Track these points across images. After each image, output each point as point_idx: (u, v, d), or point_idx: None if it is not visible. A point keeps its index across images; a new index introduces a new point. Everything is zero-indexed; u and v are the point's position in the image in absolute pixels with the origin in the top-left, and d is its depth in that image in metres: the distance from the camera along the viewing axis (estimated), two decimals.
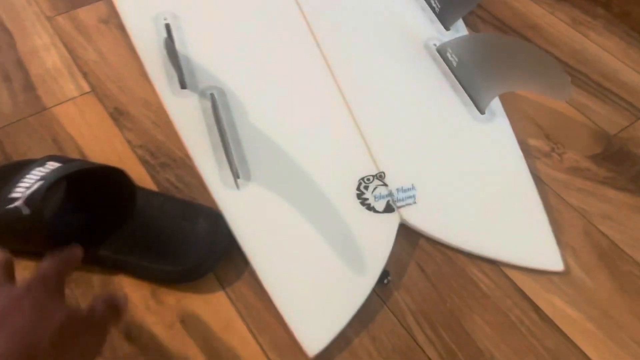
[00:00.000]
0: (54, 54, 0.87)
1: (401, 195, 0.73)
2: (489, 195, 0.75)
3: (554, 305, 0.67)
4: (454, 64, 0.85)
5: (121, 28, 0.89)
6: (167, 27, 0.85)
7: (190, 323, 0.63)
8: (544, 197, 0.76)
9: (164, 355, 0.61)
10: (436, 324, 0.65)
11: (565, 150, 0.82)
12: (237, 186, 0.70)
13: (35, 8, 0.93)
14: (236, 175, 0.71)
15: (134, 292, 0.65)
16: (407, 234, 0.72)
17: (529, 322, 0.66)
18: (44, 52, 0.87)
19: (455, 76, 0.85)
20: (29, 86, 0.83)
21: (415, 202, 0.72)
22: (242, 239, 0.68)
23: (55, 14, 0.93)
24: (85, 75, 0.85)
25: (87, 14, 0.93)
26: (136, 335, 0.62)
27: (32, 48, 0.88)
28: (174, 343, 0.62)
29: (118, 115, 0.80)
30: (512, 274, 0.70)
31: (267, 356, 0.62)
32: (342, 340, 0.63)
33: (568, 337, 0.65)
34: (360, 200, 0.72)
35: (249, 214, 0.70)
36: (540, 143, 0.83)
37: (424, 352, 0.63)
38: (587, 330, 0.66)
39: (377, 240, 0.70)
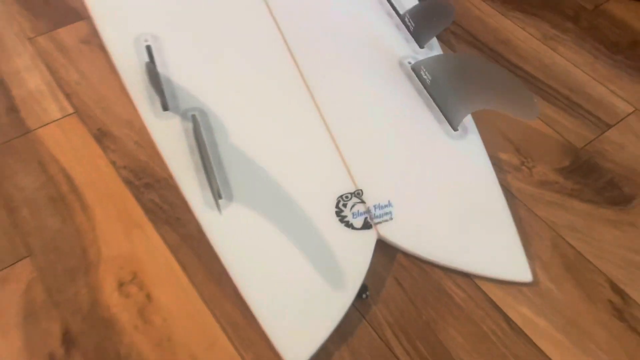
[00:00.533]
0: (36, 75, 0.88)
1: (378, 211, 0.76)
2: (461, 209, 0.78)
3: (524, 315, 0.71)
4: (428, 82, 0.88)
5: (103, 48, 0.91)
6: (148, 49, 0.87)
7: (177, 341, 0.66)
8: (514, 210, 0.80)
9: None
10: (413, 337, 0.69)
11: (535, 164, 0.86)
12: (219, 208, 0.72)
13: (16, 29, 0.94)
14: (218, 196, 0.74)
15: (121, 311, 0.67)
16: (385, 250, 0.75)
17: (500, 332, 0.69)
18: (26, 73, 0.89)
19: (429, 94, 0.88)
20: (12, 108, 0.84)
21: (391, 218, 0.76)
22: (225, 258, 0.70)
23: (36, 34, 0.94)
24: (67, 96, 0.86)
25: (68, 34, 0.94)
26: (125, 354, 0.64)
27: (14, 69, 0.89)
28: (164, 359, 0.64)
29: (101, 136, 0.82)
30: (484, 285, 0.73)
31: None
32: (323, 354, 0.66)
33: (537, 346, 0.69)
34: (339, 218, 0.75)
35: (232, 233, 0.72)
36: (510, 157, 0.87)
37: None
38: (555, 339, 0.69)
39: (355, 256, 0.73)
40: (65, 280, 0.69)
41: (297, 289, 0.70)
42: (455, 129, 0.85)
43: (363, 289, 0.71)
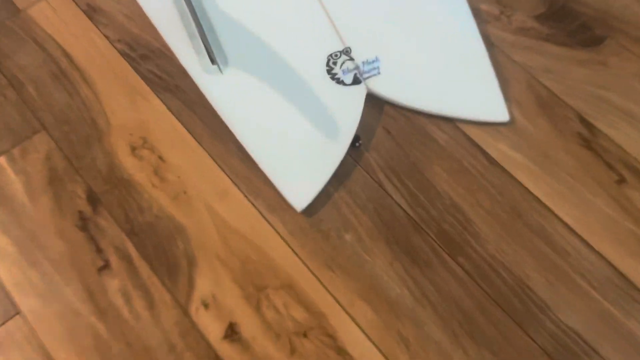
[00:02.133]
0: None
1: (367, 67, 0.80)
2: (444, 59, 0.83)
3: (501, 150, 0.79)
4: None
5: None
6: None
7: (192, 194, 0.73)
8: (493, 57, 0.84)
9: (174, 219, 0.71)
10: (402, 175, 0.77)
11: (513, 12, 0.90)
12: (218, 67, 0.76)
13: None
14: (213, 60, 0.77)
15: (137, 172, 0.74)
16: (374, 102, 0.81)
17: (480, 166, 0.78)
18: None
19: None
20: None
21: (379, 73, 0.80)
22: (226, 118, 0.76)
23: None
24: None
25: None
26: (147, 207, 0.72)
27: None
28: (182, 209, 0.72)
29: (91, 11, 0.84)
30: (465, 128, 0.80)
31: (264, 217, 0.73)
32: (324, 196, 0.74)
33: (513, 176, 0.77)
34: (330, 76, 0.80)
35: (230, 94, 0.77)
36: (490, 7, 0.90)
37: (392, 198, 0.75)
38: (528, 169, 0.78)
39: (347, 110, 0.78)
40: (82, 148, 0.75)
41: (296, 141, 0.76)
42: None
43: (356, 138, 0.77)
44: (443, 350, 0.65)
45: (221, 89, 0.77)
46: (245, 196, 0.74)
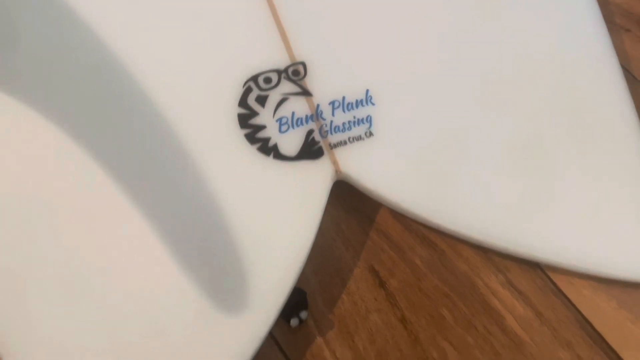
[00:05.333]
0: None
1: (341, 116, 0.33)
2: (532, 120, 0.34)
3: None
4: None
5: None
6: None
7: None
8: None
9: None
10: None
11: None
12: None
13: None
14: None
15: None
16: (352, 204, 0.33)
17: None
18: None
19: None
20: None
21: (370, 134, 0.32)
22: None
23: None
24: None
25: None
26: None
27: None
28: None
29: None
30: (570, 288, 0.32)
31: None
32: None
33: None
34: (246, 131, 0.32)
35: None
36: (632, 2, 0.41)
37: None
38: None
39: (279, 223, 0.31)
40: None
41: (144, 313, 0.29)
42: None
43: (296, 302, 0.30)
44: None
45: None
46: None
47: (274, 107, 0.32)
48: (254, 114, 0.32)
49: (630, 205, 0.33)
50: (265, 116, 0.32)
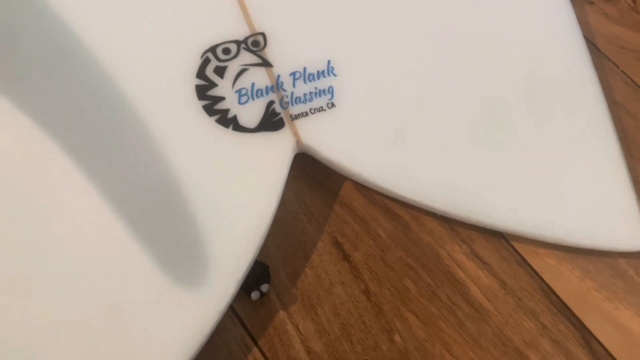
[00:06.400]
0: None
1: (302, 87, 0.32)
2: (495, 91, 0.34)
3: (619, 324, 0.31)
4: None
5: None
6: None
7: None
8: (605, 85, 0.36)
9: None
10: None
11: None
12: None
13: None
14: None
15: None
16: (314, 177, 0.33)
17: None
18: None
19: None
20: None
21: (332, 105, 0.32)
22: None
23: None
24: None
25: None
26: None
27: None
28: None
29: None
30: (535, 258, 0.32)
31: None
32: None
33: None
34: (204, 102, 0.31)
35: None
36: None
37: None
38: None
39: (240, 195, 0.30)
40: None
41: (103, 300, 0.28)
42: None
43: (257, 276, 0.29)
44: None
45: None
46: None
47: (233, 78, 0.32)
48: (212, 85, 0.31)
49: (592, 174, 0.33)
50: (224, 87, 0.31)
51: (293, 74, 0.32)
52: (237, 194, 0.30)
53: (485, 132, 0.33)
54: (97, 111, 0.31)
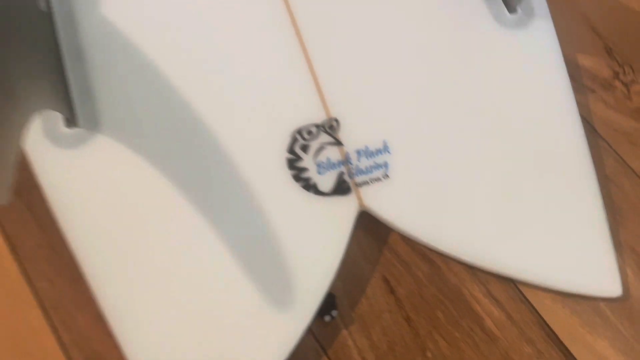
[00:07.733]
0: None
1: (365, 162, 0.42)
2: (509, 164, 0.44)
3: (596, 350, 0.41)
4: None
5: None
6: None
7: None
8: (598, 161, 0.46)
9: None
10: None
11: (637, 77, 0.51)
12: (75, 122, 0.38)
13: None
14: (71, 118, 0.40)
15: None
16: (371, 230, 0.43)
17: None
18: None
19: None
20: None
21: (387, 176, 0.42)
22: (71, 238, 0.38)
23: None
24: None
25: None
26: None
27: None
28: None
29: None
30: (537, 300, 0.42)
31: None
32: None
33: None
34: (292, 172, 0.42)
35: (86, 190, 0.40)
36: (597, 64, 0.51)
37: None
38: None
39: (317, 243, 0.41)
40: None
41: (204, 315, 0.39)
42: (512, 10, 0.48)
43: (328, 303, 0.40)
44: None
45: (69, 176, 0.39)
46: None
47: (314, 154, 0.42)
48: (299, 159, 0.42)
49: (582, 234, 0.43)
50: (307, 161, 0.42)
51: (358, 151, 0.43)
52: (317, 242, 0.41)
53: (500, 202, 0.43)
54: (213, 176, 0.41)
